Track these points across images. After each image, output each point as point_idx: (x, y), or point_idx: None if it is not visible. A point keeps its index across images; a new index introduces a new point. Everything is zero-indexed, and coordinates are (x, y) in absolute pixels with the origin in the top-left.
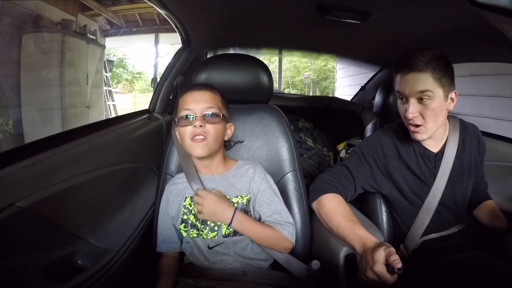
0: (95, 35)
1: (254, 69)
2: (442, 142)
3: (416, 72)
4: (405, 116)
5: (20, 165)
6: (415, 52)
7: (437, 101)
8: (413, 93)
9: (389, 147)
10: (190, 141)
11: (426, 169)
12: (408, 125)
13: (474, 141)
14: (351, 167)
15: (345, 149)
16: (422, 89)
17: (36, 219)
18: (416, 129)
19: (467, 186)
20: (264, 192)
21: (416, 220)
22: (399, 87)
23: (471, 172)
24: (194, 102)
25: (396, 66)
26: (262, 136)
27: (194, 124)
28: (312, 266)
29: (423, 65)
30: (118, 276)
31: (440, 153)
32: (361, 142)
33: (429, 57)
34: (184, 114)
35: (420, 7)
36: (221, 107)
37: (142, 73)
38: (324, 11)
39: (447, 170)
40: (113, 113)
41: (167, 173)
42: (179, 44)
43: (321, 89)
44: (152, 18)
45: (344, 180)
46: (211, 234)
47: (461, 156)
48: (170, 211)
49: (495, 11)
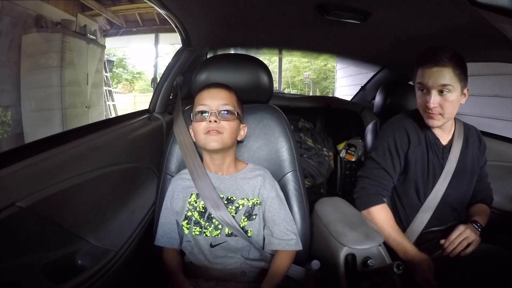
0: (95, 35)
1: (254, 69)
2: (450, 136)
3: (440, 66)
4: (426, 105)
5: (20, 165)
6: (439, 48)
7: (454, 95)
8: (436, 85)
9: (413, 132)
10: (204, 135)
11: (436, 160)
12: (426, 113)
13: (476, 140)
14: (385, 165)
15: (345, 149)
16: (444, 82)
17: (36, 219)
18: (433, 116)
19: (469, 184)
20: (273, 200)
21: (418, 214)
22: (422, 79)
23: (474, 170)
24: (210, 98)
25: (420, 60)
26: (262, 136)
27: (209, 119)
28: (312, 266)
29: (446, 61)
30: (118, 276)
31: (448, 146)
32: (384, 131)
33: (451, 54)
34: (200, 110)
35: (420, 7)
36: (236, 106)
37: (142, 73)
38: (324, 11)
39: (454, 163)
40: (113, 113)
41: (167, 173)
42: (179, 44)
43: (321, 89)
44: (152, 18)
45: (384, 182)
46: (215, 232)
47: (465, 153)
48: (174, 206)
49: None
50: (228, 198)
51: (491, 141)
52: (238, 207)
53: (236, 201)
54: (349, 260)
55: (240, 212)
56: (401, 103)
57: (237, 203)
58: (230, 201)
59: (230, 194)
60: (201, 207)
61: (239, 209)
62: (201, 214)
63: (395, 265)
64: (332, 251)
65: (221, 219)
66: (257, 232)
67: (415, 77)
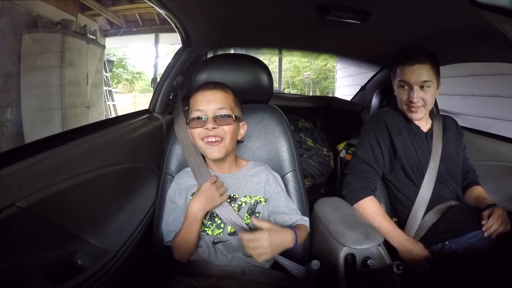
0: (95, 35)
1: (254, 69)
2: (429, 124)
3: (420, 64)
4: (408, 100)
5: (20, 165)
6: (415, 47)
7: (433, 89)
8: (418, 82)
9: (393, 124)
10: (203, 143)
11: (422, 145)
12: (409, 107)
13: (453, 126)
14: (368, 159)
15: (345, 149)
16: (425, 79)
17: (36, 219)
18: (417, 110)
19: (457, 162)
20: (279, 194)
21: (418, 197)
22: (404, 77)
23: (458, 151)
24: (206, 102)
25: (398, 59)
26: (262, 136)
27: (206, 127)
28: (312, 266)
29: (426, 59)
30: (118, 276)
31: (429, 132)
32: (365, 127)
33: (427, 52)
34: (196, 116)
35: (420, 7)
36: (234, 106)
37: (142, 73)
38: (324, 11)
39: (439, 147)
40: (113, 113)
41: (167, 173)
42: (179, 44)
43: (321, 89)
44: (152, 18)
45: (369, 176)
46: (217, 231)
47: (446, 137)
48: (178, 203)
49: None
50: (230, 196)
51: (490, 141)
52: (241, 205)
53: (238, 199)
54: (349, 260)
55: (243, 209)
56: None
57: (239, 200)
58: (233, 199)
59: (233, 192)
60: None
61: (242, 207)
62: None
63: (395, 265)
64: (332, 251)
65: (226, 217)
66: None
67: (394, 76)
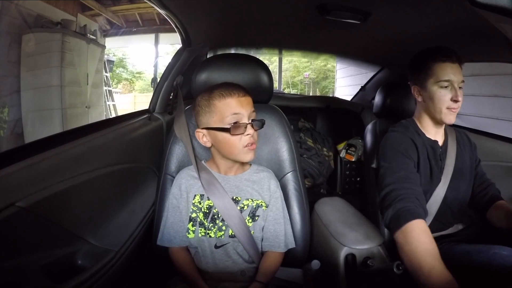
0: (95, 35)
1: (254, 69)
2: (443, 137)
3: (458, 63)
4: (452, 101)
5: (20, 165)
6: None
7: None
8: (459, 81)
9: (419, 142)
10: (243, 148)
11: (434, 164)
12: (449, 110)
13: (466, 140)
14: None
15: (345, 149)
16: (463, 78)
17: (36, 219)
18: (454, 111)
19: (468, 185)
20: (277, 200)
21: None
22: (449, 76)
23: (471, 170)
24: (242, 107)
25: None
26: (262, 136)
27: (248, 133)
28: (312, 266)
29: (458, 58)
30: (118, 276)
31: (444, 147)
32: (391, 142)
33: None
34: (236, 121)
35: (420, 7)
36: None
37: (142, 73)
38: (324, 11)
39: (452, 164)
40: (113, 113)
41: (167, 173)
42: (179, 44)
43: (321, 89)
44: (152, 18)
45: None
46: (219, 233)
47: (460, 153)
48: (179, 205)
49: (495, 11)
50: (233, 198)
51: (490, 141)
52: (243, 208)
53: (241, 202)
54: (349, 260)
55: (244, 212)
56: (400, 103)
57: (242, 203)
58: (236, 201)
59: (235, 195)
60: (205, 208)
61: (244, 210)
62: (205, 215)
63: (395, 265)
64: (332, 251)
65: (230, 219)
66: (258, 233)
67: (426, 76)
